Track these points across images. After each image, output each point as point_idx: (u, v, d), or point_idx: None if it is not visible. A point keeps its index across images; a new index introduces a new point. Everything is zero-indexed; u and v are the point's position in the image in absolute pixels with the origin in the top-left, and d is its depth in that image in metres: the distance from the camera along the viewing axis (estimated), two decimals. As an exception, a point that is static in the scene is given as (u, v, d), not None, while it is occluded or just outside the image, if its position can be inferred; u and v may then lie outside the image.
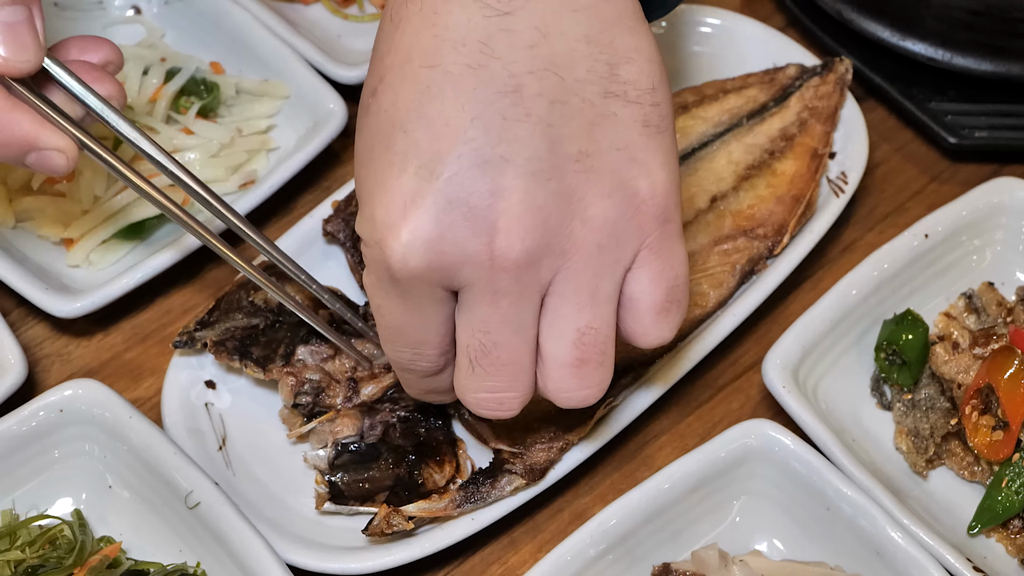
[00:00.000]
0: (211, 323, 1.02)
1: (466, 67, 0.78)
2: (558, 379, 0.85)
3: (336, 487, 0.97)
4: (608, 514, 0.94)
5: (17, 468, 0.98)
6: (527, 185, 0.79)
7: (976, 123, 1.19)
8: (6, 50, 0.86)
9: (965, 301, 1.07)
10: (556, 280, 0.82)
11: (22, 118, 0.88)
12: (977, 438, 0.99)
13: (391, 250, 0.80)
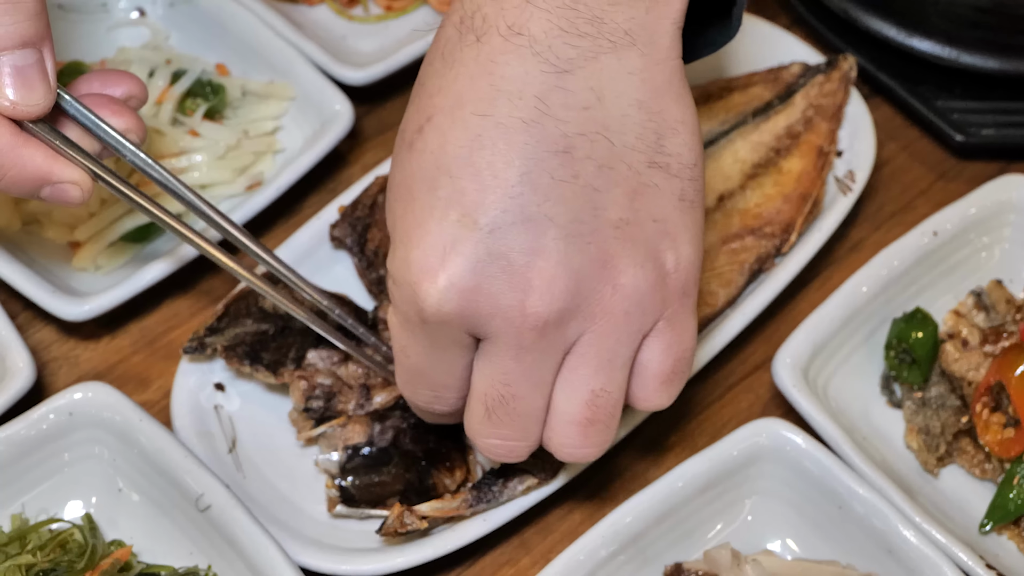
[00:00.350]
0: (221, 329, 1.02)
1: (520, 121, 0.78)
2: (564, 434, 0.86)
3: (347, 491, 0.97)
4: (620, 514, 0.94)
5: (27, 472, 0.98)
6: (567, 247, 0.80)
7: (983, 120, 1.19)
8: (15, 94, 0.86)
9: (974, 299, 1.07)
10: (580, 341, 0.83)
11: (34, 154, 0.88)
12: (988, 436, 0.99)
13: (426, 294, 0.80)
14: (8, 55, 0.85)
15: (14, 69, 0.86)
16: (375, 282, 1.07)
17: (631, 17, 0.80)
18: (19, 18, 0.85)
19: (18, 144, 0.88)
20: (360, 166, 1.21)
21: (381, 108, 1.24)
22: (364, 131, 1.23)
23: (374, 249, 1.08)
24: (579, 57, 0.79)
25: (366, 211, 1.09)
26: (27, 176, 0.89)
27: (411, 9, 1.27)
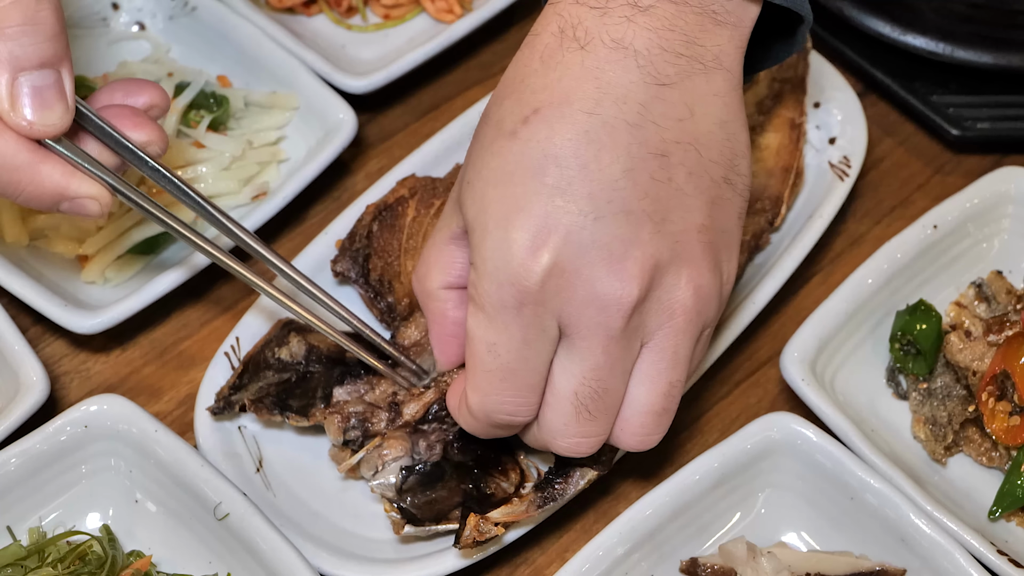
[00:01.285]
0: (244, 385, 1.02)
1: (625, 123, 0.83)
2: (640, 424, 0.90)
3: (408, 512, 0.97)
4: (636, 511, 0.95)
5: (43, 485, 0.99)
6: (659, 243, 0.84)
7: (978, 115, 1.21)
8: (32, 114, 0.87)
9: (975, 290, 1.09)
10: (658, 335, 0.87)
11: (52, 171, 0.89)
12: (995, 424, 1.00)
13: (529, 271, 0.83)
14: (26, 75, 0.86)
15: (32, 89, 0.87)
16: (385, 311, 1.07)
17: (718, 44, 0.86)
18: (38, 39, 0.86)
19: (36, 161, 0.89)
20: (363, 174, 1.22)
21: (383, 116, 1.25)
22: (366, 139, 1.24)
23: (378, 278, 1.08)
24: (676, 74, 0.84)
25: (364, 241, 1.09)
26: (45, 192, 0.90)
27: (409, 17, 1.28)
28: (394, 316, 1.07)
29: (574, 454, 0.91)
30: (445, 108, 1.26)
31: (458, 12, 1.27)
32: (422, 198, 1.10)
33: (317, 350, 1.03)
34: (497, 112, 0.87)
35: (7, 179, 0.88)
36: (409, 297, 1.07)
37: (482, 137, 0.87)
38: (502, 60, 1.28)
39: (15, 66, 0.86)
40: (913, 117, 1.24)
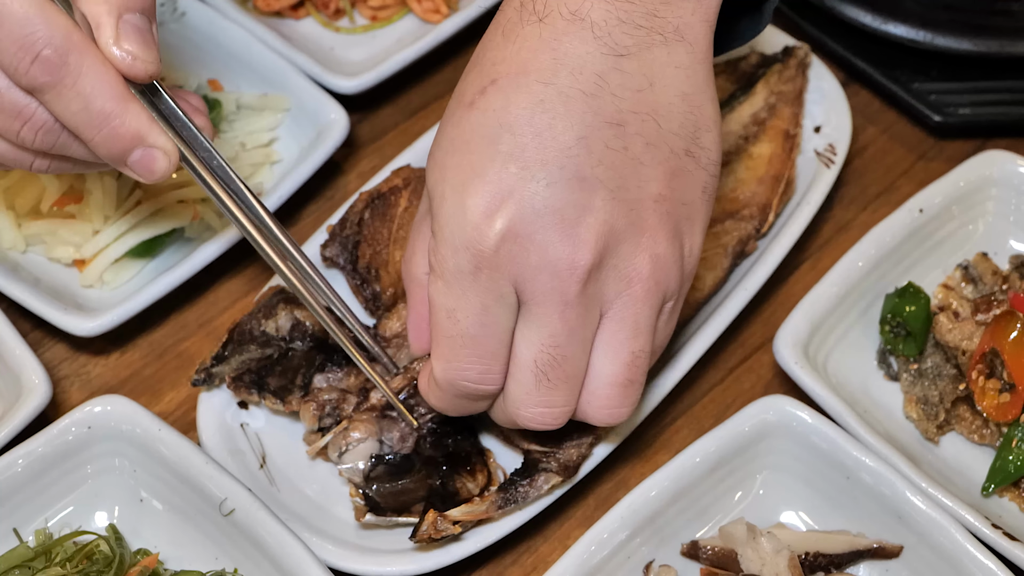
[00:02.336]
0: (226, 357, 1.03)
1: (580, 92, 0.84)
2: (605, 396, 0.91)
3: (372, 500, 0.98)
4: (636, 496, 0.96)
5: (48, 487, 1.00)
6: (613, 209, 0.85)
7: (959, 100, 1.23)
8: (134, 48, 0.90)
9: (962, 272, 1.10)
10: (616, 304, 0.88)
11: (139, 113, 0.92)
12: (985, 401, 1.02)
13: (483, 236, 0.84)
14: (130, 15, 0.90)
15: (135, 27, 0.90)
16: (371, 299, 1.09)
17: (679, 16, 0.86)
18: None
19: (127, 98, 0.91)
20: (356, 174, 1.23)
21: (373, 116, 1.27)
22: (358, 139, 1.25)
23: (366, 265, 1.09)
24: (635, 45, 0.85)
25: (355, 228, 1.10)
26: (128, 130, 0.91)
27: (396, 18, 1.30)
28: (378, 305, 1.08)
29: (540, 426, 0.91)
30: (435, 107, 1.27)
31: (444, 12, 1.28)
32: (415, 189, 1.11)
33: (302, 326, 1.04)
34: (460, 87, 0.88)
35: (98, 107, 0.90)
36: (395, 287, 1.08)
37: (447, 112, 0.89)
38: (489, 58, 1.30)
39: (121, 5, 0.89)
40: (896, 105, 1.26)
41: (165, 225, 1.12)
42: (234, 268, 1.16)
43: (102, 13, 0.89)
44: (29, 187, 1.13)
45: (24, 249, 1.14)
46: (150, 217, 1.12)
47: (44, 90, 0.89)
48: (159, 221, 1.12)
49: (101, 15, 0.89)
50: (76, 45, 0.88)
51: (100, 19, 0.89)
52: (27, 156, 0.95)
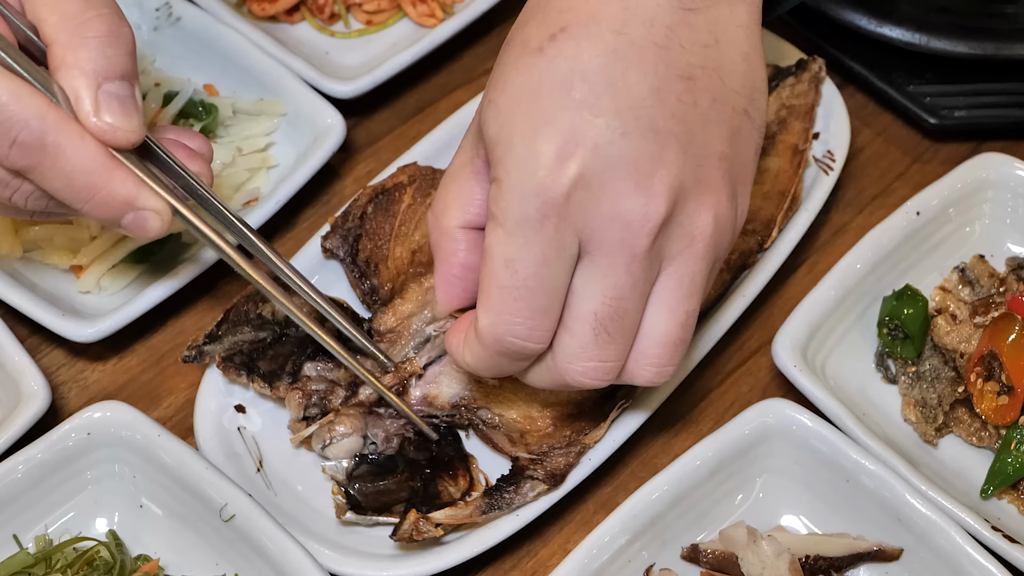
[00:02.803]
0: (220, 336, 1.04)
1: (653, 43, 0.84)
2: (656, 355, 0.89)
3: (354, 498, 0.98)
4: (635, 500, 0.97)
5: (48, 493, 0.99)
6: (683, 163, 0.84)
7: (955, 103, 1.23)
8: (115, 119, 0.90)
9: (958, 274, 1.11)
10: (677, 261, 0.87)
11: (125, 179, 0.92)
12: (984, 404, 1.02)
13: (555, 182, 0.83)
14: (110, 83, 0.90)
15: (115, 97, 0.90)
16: (368, 292, 1.09)
17: None
18: (120, 51, 0.90)
19: (111, 167, 0.91)
20: (352, 178, 1.23)
21: (368, 120, 1.27)
22: (354, 143, 1.25)
23: (365, 259, 1.10)
24: (701, 1, 0.85)
25: (356, 221, 1.11)
26: (115, 199, 0.92)
27: (391, 23, 1.30)
28: (375, 299, 1.08)
29: (591, 381, 0.89)
30: (430, 111, 1.27)
31: (440, 16, 1.28)
32: (420, 187, 1.12)
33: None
34: (521, 33, 0.86)
35: (83, 182, 0.90)
36: (393, 282, 1.08)
37: (505, 58, 0.87)
38: (484, 63, 1.30)
39: (99, 74, 0.89)
40: (891, 107, 1.27)
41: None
42: (231, 273, 1.15)
43: (80, 87, 0.89)
44: (25, 193, 1.12)
45: (21, 255, 1.13)
46: (147, 222, 1.11)
47: (26, 171, 0.90)
48: (156, 227, 1.11)
49: (79, 88, 0.89)
50: (52, 125, 0.89)
51: (79, 92, 0.89)
52: (23, 212, 0.96)
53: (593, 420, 1.01)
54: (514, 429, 1.01)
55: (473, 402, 1.01)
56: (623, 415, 1.02)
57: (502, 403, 1.01)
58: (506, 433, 1.01)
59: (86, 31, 0.89)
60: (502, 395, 1.02)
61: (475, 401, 1.01)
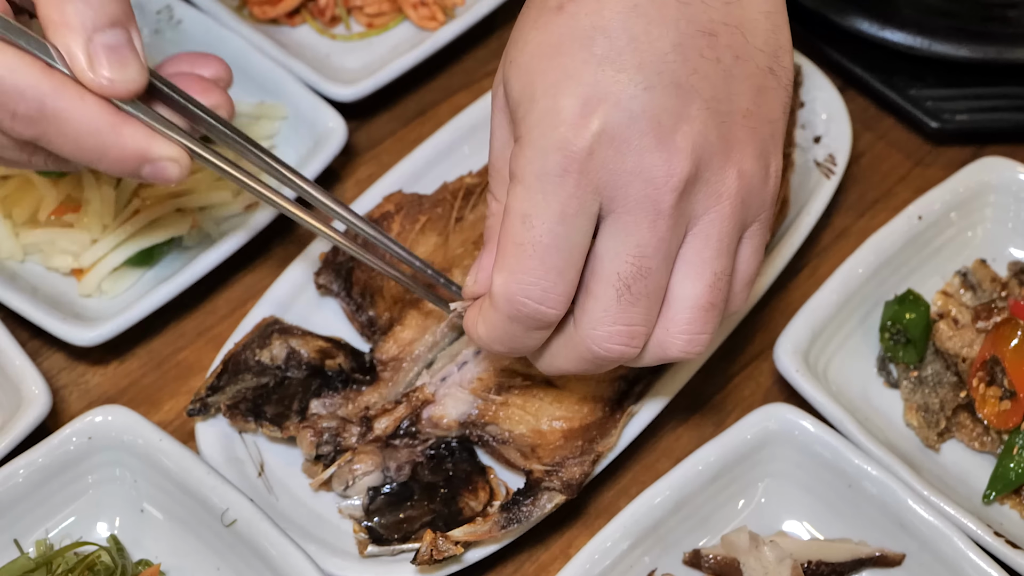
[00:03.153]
0: (221, 387, 1.02)
1: (674, 0, 0.83)
2: (687, 321, 0.87)
3: (375, 531, 0.98)
4: (638, 505, 0.96)
5: (49, 498, 0.99)
6: (707, 120, 0.83)
7: (956, 107, 1.23)
8: (111, 71, 0.87)
9: (960, 279, 1.11)
10: (703, 220, 0.86)
11: (134, 132, 0.89)
12: (986, 409, 1.02)
13: (578, 137, 0.82)
14: (100, 34, 0.87)
15: (107, 48, 0.87)
16: (367, 324, 1.08)
17: None
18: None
19: (118, 123, 0.89)
20: (353, 181, 1.23)
21: (369, 124, 1.26)
22: (354, 147, 1.25)
23: (360, 291, 1.09)
24: None
25: (347, 256, 1.10)
26: (127, 155, 0.90)
27: (392, 26, 1.30)
28: (375, 330, 1.07)
29: (617, 350, 0.86)
30: (431, 114, 1.27)
31: (441, 19, 1.28)
32: (408, 213, 1.11)
33: (297, 355, 1.03)
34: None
35: (91, 143, 0.88)
36: (390, 311, 1.07)
37: (525, 19, 0.86)
38: (485, 66, 1.30)
39: (87, 27, 0.86)
40: (893, 111, 1.26)
41: (163, 234, 1.12)
42: (233, 277, 1.16)
43: (71, 43, 0.87)
44: (27, 196, 1.12)
45: (22, 258, 1.13)
46: (148, 226, 1.11)
47: (34, 140, 0.89)
48: (157, 230, 1.11)
49: (71, 45, 0.87)
50: (49, 92, 0.86)
51: (71, 49, 0.87)
52: (52, 170, 0.96)
53: (603, 428, 1.01)
54: (525, 444, 1.00)
55: (481, 419, 1.01)
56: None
57: (510, 419, 1.01)
58: (517, 448, 1.00)
59: None
60: (510, 410, 1.01)
61: (483, 418, 1.01)
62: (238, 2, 1.29)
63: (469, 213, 1.12)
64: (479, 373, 1.03)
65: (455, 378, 1.03)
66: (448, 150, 1.17)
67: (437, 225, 1.11)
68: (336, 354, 1.04)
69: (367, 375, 1.03)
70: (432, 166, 1.17)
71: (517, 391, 1.02)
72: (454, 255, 1.08)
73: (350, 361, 1.03)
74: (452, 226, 1.11)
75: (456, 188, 1.13)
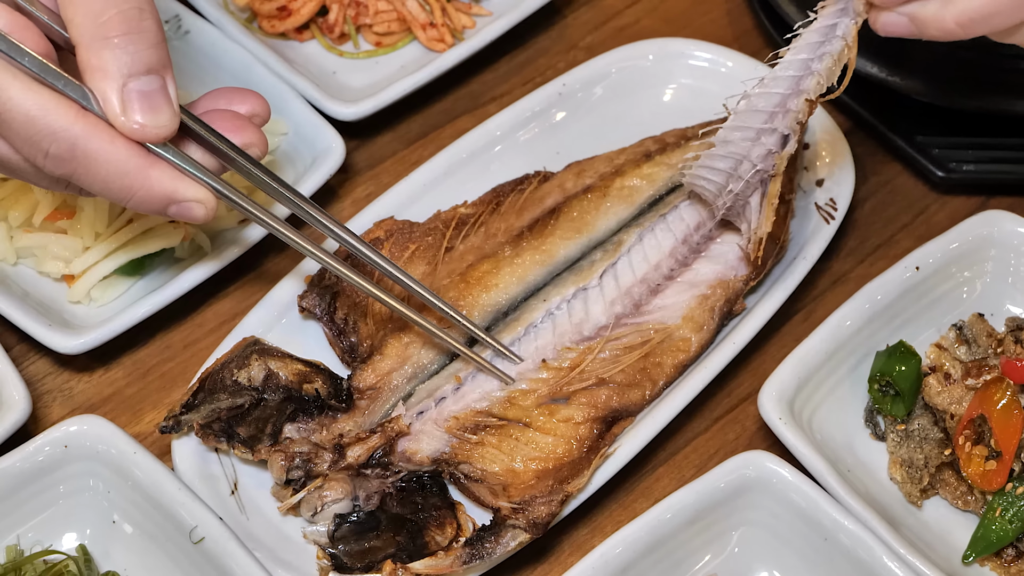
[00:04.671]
0: (196, 405, 1.02)
1: None
2: None
3: (339, 559, 0.97)
4: (610, 545, 0.95)
5: (22, 504, 0.99)
6: None
7: (963, 157, 1.22)
8: (143, 117, 0.90)
9: (956, 332, 1.09)
10: None
11: (161, 175, 0.92)
12: (971, 468, 1.01)
13: None
14: (135, 81, 0.90)
15: (141, 94, 0.90)
16: (347, 350, 1.08)
17: None
18: (143, 47, 0.90)
19: (146, 166, 0.92)
20: (351, 200, 1.22)
21: (371, 143, 1.26)
22: (354, 165, 1.24)
23: (344, 316, 1.08)
24: None
25: (333, 279, 1.09)
26: (154, 197, 0.93)
27: (400, 45, 1.29)
28: (354, 356, 1.07)
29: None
30: (434, 136, 1.26)
31: (449, 41, 1.27)
32: (397, 240, 1.11)
33: (275, 377, 1.03)
34: None
35: (119, 184, 0.91)
36: (372, 339, 1.07)
37: None
38: (492, 90, 1.29)
39: (123, 73, 0.89)
40: (899, 157, 1.25)
41: (155, 245, 1.11)
42: (222, 290, 1.15)
43: (106, 88, 0.90)
44: (24, 199, 1.12)
45: (15, 262, 1.13)
46: (140, 236, 1.11)
47: (65, 177, 0.92)
48: (149, 240, 1.11)
49: (106, 90, 0.90)
50: (81, 134, 0.90)
51: (106, 94, 0.90)
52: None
53: (576, 469, 1.00)
54: (497, 482, 1.00)
55: (454, 457, 1.01)
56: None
57: (484, 458, 1.00)
58: (488, 486, 1.00)
59: (107, 31, 0.89)
60: (484, 449, 1.00)
61: (456, 456, 1.01)
62: (248, 15, 1.29)
63: (460, 243, 1.11)
64: (456, 411, 1.02)
65: (431, 414, 1.02)
66: (444, 174, 1.17)
67: (426, 254, 1.10)
68: (315, 379, 1.03)
69: (343, 402, 1.02)
70: (428, 188, 1.16)
71: (493, 431, 1.01)
72: (440, 285, 1.08)
73: (328, 387, 1.03)
74: (442, 256, 1.10)
75: (449, 217, 1.13)
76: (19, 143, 0.90)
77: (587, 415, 1.01)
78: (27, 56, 0.89)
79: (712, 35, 1.31)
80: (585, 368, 1.04)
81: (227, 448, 1.01)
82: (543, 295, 1.08)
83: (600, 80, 1.23)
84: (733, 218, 1.11)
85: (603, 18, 1.35)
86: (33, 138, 0.89)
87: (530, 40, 1.31)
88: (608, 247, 1.11)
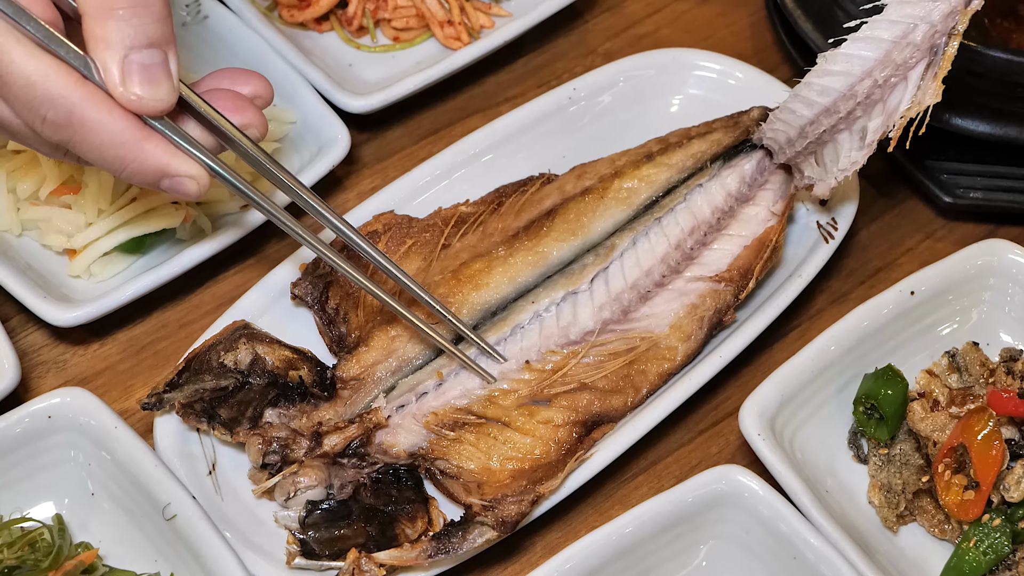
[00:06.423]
0: (180, 384, 1.03)
1: None
2: None
3: (308, 545, 0.98)
4: (576, 549, 0.95)
5: (3, 472, 1.01)
6: None
7: (972, 183, 1.20)
8: (141, 89, 0.92)
9: (948, 359, 1.08)
10: None
11: (155, 148, 0.93)
12: (948, 496, 1.00)
13: None
14: (136, 53, 0.91)
15: (142, 67, 0.91)
16: (336, 340, 1.08)
17: None
18: (147, 20, 0.91)
19: (141, 139, 0.93)
20: (356, 192, 1.23)
21: (381, 136, 1.27)
22: (362, 158, 1.25)
23: (335, 306, 1.09)
24: None
25: (327, 268, 1.10)
26: (147, 168, 0.94)
27: (418, 41, 1.30)
28: (342, 346, 1.07)
29: None
30: (444, 134, 1.27)
31: (466, 40, 1.28)
32: (394, 235, 1.11)
33: (262, 362, 1.04)
34: None
35: (113, 154, 0.92)
36: (361, 330, 1.07)
37: None
38: (506, 91, 1.29)
39: (125, 45, 0.91)
40: (907, 180, 1.24)
41: (157, 224, 1.13)
42: (221, 273, 1.17)
43: (108, 59, 0.91)
44: (33, 172, 1.14)
45: (19, 233, 1.15)
46: (143, 215, 1.13)
47: (62, 143, 0.93)
48: (151, 219, 1.13)
49: (107, 60, 0.91)
50: (79, 102, 0.91)
51: (107, 64, 0.91)
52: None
53: (551, 471, 1.00)
54: (471, 480, 1.00)
55: (431, 452, 1.01)
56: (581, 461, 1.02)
57: (461, 455, 1.01)
58: (463, 484, 1.00)
59: (113, 3, 0.90)
60: (462, 447, 1.01)
61: (433, 452, 1.01)
62: (269, 3, 1.30)
63: (457, 241, 1.11)
64: (436, 407, 1.02)
65: (411, 408, 1.02)
66: (450, 172, 1.17)
67: (423, 250, 1.11)
68: (300, 366, 1.04)
69: (326, 391, 1.03)
70: (432, 186, 1.17)
71: (471, 428, 1.01)
72: (432, 281, 1.08)
73: (312, 374, 1.03)
74: (437, 253, 1.10)
75: (449, 215, 1.13)
76: (19, 107, 0.92)
77: (567, 418, 1.01)
78: (32, 22, 0.90)
79: (732, 48, 1.31)
80: (568, 372, 1.04)
81: (207, 428, 1.02)
82: (532, 296, 1.08)
83: (609, 87, 1.23)
84: (800, 162, 1.10)
85: (624, 25, 1.34)
86: (32, 102, 0.91)
87: (548, 43, 1.31)
88: (600, 251, 1.11)
